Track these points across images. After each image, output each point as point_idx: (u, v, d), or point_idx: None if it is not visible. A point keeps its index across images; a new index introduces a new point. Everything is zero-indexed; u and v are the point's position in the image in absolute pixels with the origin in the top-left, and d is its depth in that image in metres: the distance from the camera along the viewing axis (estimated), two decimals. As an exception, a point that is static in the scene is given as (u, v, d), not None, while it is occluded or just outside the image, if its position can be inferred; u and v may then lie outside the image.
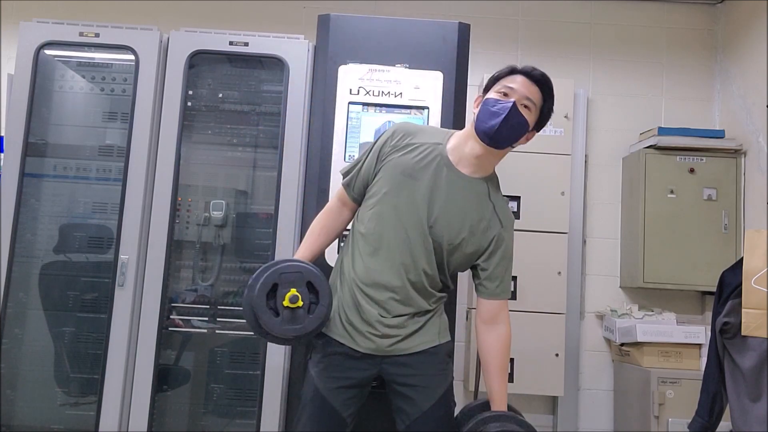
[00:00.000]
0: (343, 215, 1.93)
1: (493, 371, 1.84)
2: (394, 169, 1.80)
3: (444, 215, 1.78)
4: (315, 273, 1.77)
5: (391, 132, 1.86)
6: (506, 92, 1.77)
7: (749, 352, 2.04)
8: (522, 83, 1.77)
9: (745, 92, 3.28)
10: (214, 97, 2.83)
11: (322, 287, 1.76)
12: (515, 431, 1.75)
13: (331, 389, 1.79)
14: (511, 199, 3.13)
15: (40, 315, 2.73)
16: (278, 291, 1.72)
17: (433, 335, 1.83)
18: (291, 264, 1.78)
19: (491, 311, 1.85)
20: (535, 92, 1.79)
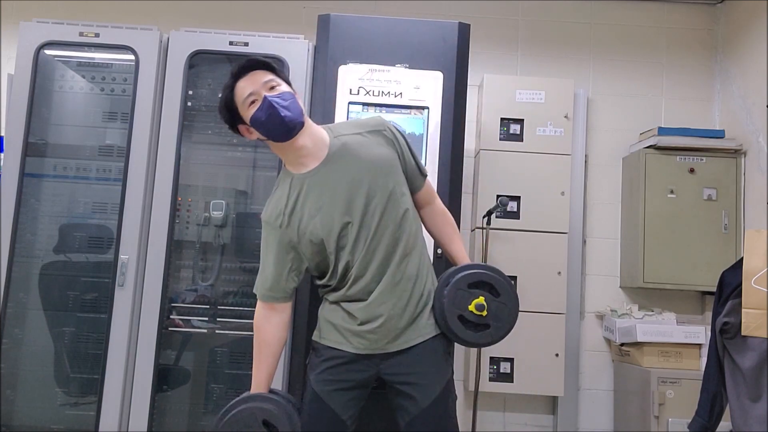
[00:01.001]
0: (274, 321, 1.85)
1: (446, 238, 1.96)
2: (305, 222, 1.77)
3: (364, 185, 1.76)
4: (267, 409, 1.77)
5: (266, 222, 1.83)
6: (252, 99, 1.76)
7: (749, 352, 2.04)
8: (248, 82, 1.76)
9: (745, 92, 3.28)
10: (214, 97, 2.83)
11: (278, 421, 1.76)
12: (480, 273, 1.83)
13: (330, 392, 1.79)
14: (511, 199, 3.13)
15: (40, 315, 2.73)
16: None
17: (430, 328, 1.83)
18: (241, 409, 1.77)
19: (423, 197, 1.93)
20: (261, 75, 1.77)
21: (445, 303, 1.80)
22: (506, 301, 1.82)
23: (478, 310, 1.79)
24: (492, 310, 1.80)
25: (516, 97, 3.23)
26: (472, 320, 1.80)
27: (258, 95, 1.75)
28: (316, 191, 1.78)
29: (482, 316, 1.80)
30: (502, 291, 1.82)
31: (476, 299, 1.80)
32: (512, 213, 3.17)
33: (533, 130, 3.21)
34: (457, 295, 1.80)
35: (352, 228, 1.76)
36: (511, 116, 3.22)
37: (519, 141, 3.21)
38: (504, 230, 3.16)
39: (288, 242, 1.81)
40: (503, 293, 1.82)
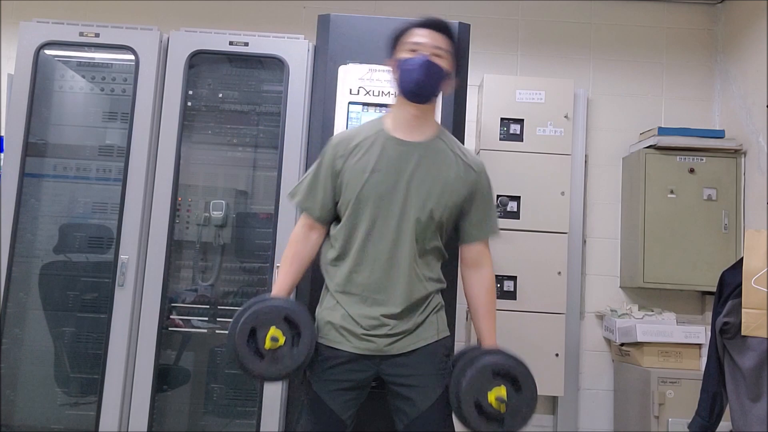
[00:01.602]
0: (311, 239, 1.90)
1: (481, 312, 1.88)
2: (356, 173, 1.81)
3: (416, 188, 1.79)
4: (290, 307, 1.76)
5: (332, 146, 1.87)
6: (414, 48, 1.80)
7: (749, 352, 2.04)
8: (427, 35, 1.81)
9: (745, 92, 3.28)
10: (214, 97, 2.83)
11: (300, 319, 1.75)
12: (507, 364, 1.76)
13: (329, 392, 1.79)
14: (511, 199, 3.13)
15: (40, 315, 2.73)
16: (257, 334, 1.73)
17: (432, 332, 1.83)
18: (264, 305, 1.77)
19: (474, 255, 1.89)
20: (441, 40, 1.82)
21: (464, 385, 1.73)
22: (527, 399, 1.73)
23: (498, 402, 1.70)
24: (511, 405, 1.71)
25: (516, 97, 3.23)
26: (488, 410, 1.71)
27: (422, 49, 1.79)
28: (387, 157, 1.80)
29: (499, 408, 1.71)
30: (525, 387, 1.73)
31: (498, 389, 1.71)
32: (512, 213, 3.17)
33: (533, 130, 3.21)
34: (478, 381, 1.73)
35: (385, 211, 1.77)
36: (511, 116, 3.23)
37: (519, 141, 3.21)
38: (504, 230, 3.13)
39: (336, 172, 1.83)
40: (526, 389, 1.73)
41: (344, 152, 1.84)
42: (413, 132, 1.84)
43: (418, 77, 1.76)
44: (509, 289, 3.12)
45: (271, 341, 1.70)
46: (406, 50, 1.81)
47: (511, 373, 1.74)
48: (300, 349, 1.74)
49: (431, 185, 1.80)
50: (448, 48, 1.83)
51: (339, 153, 1.85)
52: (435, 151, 1.84)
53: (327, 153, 1.88)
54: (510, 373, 1.74)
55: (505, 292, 3.11)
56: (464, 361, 1.79)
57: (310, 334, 1.76)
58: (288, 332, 1.73)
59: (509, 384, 1.73)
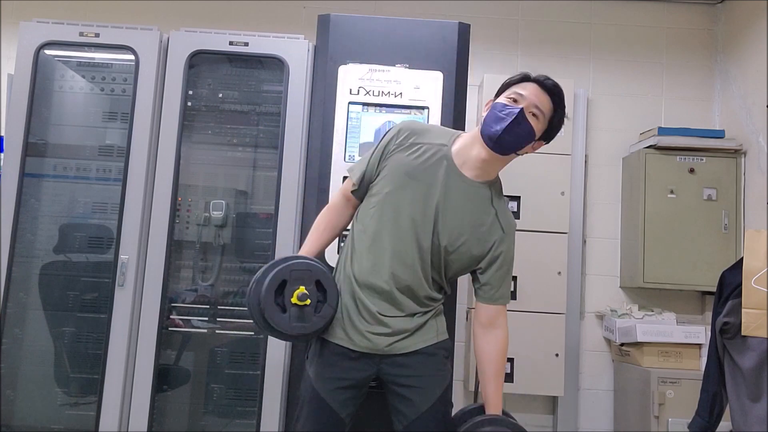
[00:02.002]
0: (348, 211, 1.92)
1: (489, 375, 1.84)
2: (398, 169, 1.80)
3: (445, 218, 1.78)
4: (324, 272, 1.77)
5: (397, 130, 1.86)
6: (516, 98, 1.78)
7: (749, 352, 2.04)
8: (533, 91, 1.78)
9: (745, 92, 3.28)
10: (214, 97, 2.83)
11: (330, 286, 1.76)
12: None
13: (329, 390, 1.78)
14: (511, 199, 3.13)
15: (40, 315, 2.73)
16: (286, 288, 1.72)
17: (432, 335, 1.83)
18: (301, 261, 1.77)
19: (489, 316, 1.85)
20: (545, 101, 1.80)
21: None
22: None
23: None
24: None
25: (516, 97, 3.23)
26: None
27: (521, 103, 1.77)
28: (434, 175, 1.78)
29: None
30: None
31: None
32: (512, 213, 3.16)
33: (533, 130, 3.20)
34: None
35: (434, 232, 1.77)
36: (511, 116, 3.22)
37: (519, 141, 3.20)
38: (504, 230, 3.16)
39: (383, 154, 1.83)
40: None
41: (402, 141, 1.83)
42: (472, 170, 1.81)
43: (501, 127, 1.74)
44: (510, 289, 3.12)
45: (299, 298, 1.70)
46: (507, 97, 1.79)
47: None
48: (323, 313, 1.75)
49: (457, 224, 1.78)
50: (547, 111, 1.81)
51: (398, 140, 1.83)
52: (478, 195, 1.81)
53: (388, 134, 1.86)
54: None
55: (505, 292, 3.11)
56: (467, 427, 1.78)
57: (335, 305, 1.77)
58: (315, 296, 1.74)
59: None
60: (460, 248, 1.79)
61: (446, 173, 1.79)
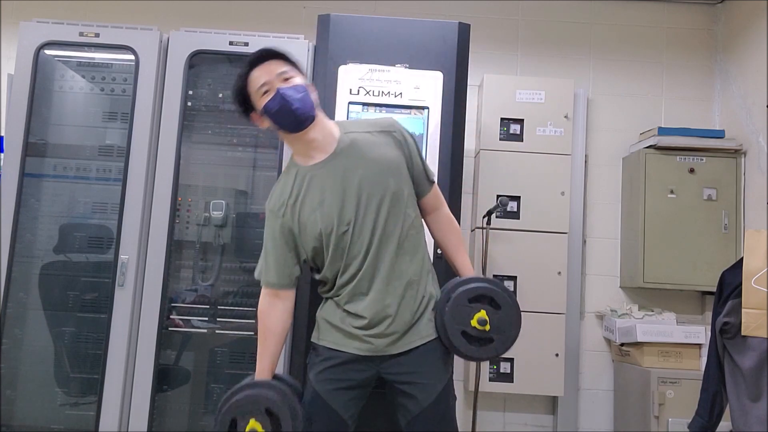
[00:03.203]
0: (278, 309, 1.83)
1: (450, 247, 1.93)
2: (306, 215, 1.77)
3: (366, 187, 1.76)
4: (271, 398, 1.73)
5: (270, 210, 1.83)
6: (266, 89, 1.76)
7: (749, 352, 2.04)
8: (264, 71, 1.77)
9: (745, 92, 3.28)
10: (214, 97, 2.83)
11: (281, 411, 1.72)
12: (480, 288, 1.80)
13: (331, 391, 1.79)
14: (511, 199, 3.13)
15: (40, 315, 2.73)
16: (238, 425, 1.71)
17: (431, 329, 1.83)
18: (245, 395, 1.75)
19: (430, 203, 1.92)
20: (276, 65, 1.78)
21: (447, 320, 1.78)
22: (508, 313, 1.79)
23: (481, 325, 1.76)
24: (494, 323, 1.78)
25: (516, 97, 3.23)
26: (476, 335, 1.77)
27: (271, 86, 1.75)
28: (320, 185, 1.78)
29: (485, 330, 1.77)
30: (503, 303, 1.79)
31: (478, 314, 1.77)
32: (512, 213, 3.17)
33: (533, 130, 3.21)
34: (458, 311, 1.78)
35: (352, 224, 1.75)
36: (511, 116, 3.22)
37: (519, 141, 3.21)
38: (504, 230, 3.16)
39: (289, 231, 1.80)
40: (504, 306, 1.79)
41: (282, 205, 1.81)
42: (321, 150, 1.80)
43: (290, 111, 1.72)
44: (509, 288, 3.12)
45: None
46: (260, 95, 1.77)
47: (485, 294, 1.79)
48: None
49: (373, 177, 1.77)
50: (288, 67, 1.79)
51: (279, 210, 1.81)
52: (351, 147, 1.80)
53: (269, 218, 1.83)
54: (485, 296, 1.79)
55: (505, 292, 3.11)
56: (442, 297, 1.82)
57: (291, 426, 1.72)
58: (269, 425, 1.71)
59: (488, 305, 1.78)
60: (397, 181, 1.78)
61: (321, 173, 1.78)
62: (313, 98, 1.78)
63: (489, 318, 1.77)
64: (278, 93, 1.74)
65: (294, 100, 1.73)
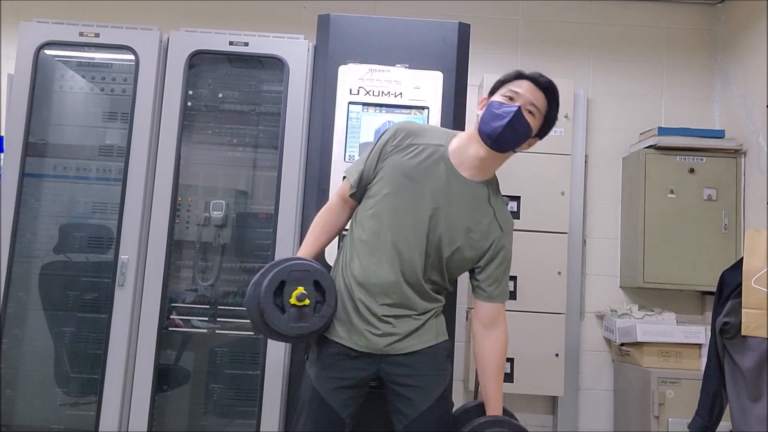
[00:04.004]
0: (345, 213, 1.92)
1: (490, 375, 1.84)
2: (395, 170, 1.80)
3: (443, 218, 1.78)
4: (323, 272, 1.77)
5: (393, 131, 1.85)
6: (512, 96, 1.77)
7: (749, 352, 2.04)
8: (528, 89, 1.78)
9: (745, 92, 3.28)
10: (214, 97, 2.83)
11: (329, 287, 1.76)
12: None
13: (330, 390, 1.79)
14: (511, 199, 3.13)
15: (40, 315, 2.73)
16: (285, 288, 1.72)
17: (431, 335, 1.83)
18: (299, 262, 1.78)
19: (489, 315, 1.85)
20: (540, 99, 1.79)
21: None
22: None
23: None
24: None
25: (516, 97, 3.23)
26: None
27: (518, 101, 1.76)
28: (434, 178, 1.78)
29: None
30: None
31: None
32: (512, 213, 3.16)
33: (533, 130, 3.20)
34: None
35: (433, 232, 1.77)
36: (511, 116, 3.22)
37: (519, 141, 3.21)
38: (504, 230, 3.16)
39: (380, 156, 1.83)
40: None
41: (399, 142, 1.82)
42: (469, 169, 1.81)
43: (500, 125, 1.73)
44: (509, 289, 3.12)
45: (298, 298, 1.71)
46: (503, 95, 1.78)
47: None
48: (319, 316, 1.74)
49: (455, 224, 1.78)
50: (543, 108, 1.80)
51: (395, 141, 1.83)
52: (475, 195, 1.81)
53: (384, 136, 1.86)
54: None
55: (505, 292, 3.11)
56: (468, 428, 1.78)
57: (334, 305, 1.77)
58: (314, 296, 1.74)
59: None
60: (460, 247, 1.79)
61: (445, 173, 1.79)
62: (521, 144, 1.80)
63: None
64: (518, 111, 1.74)
65: (512, 129, 1.74)
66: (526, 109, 1.76)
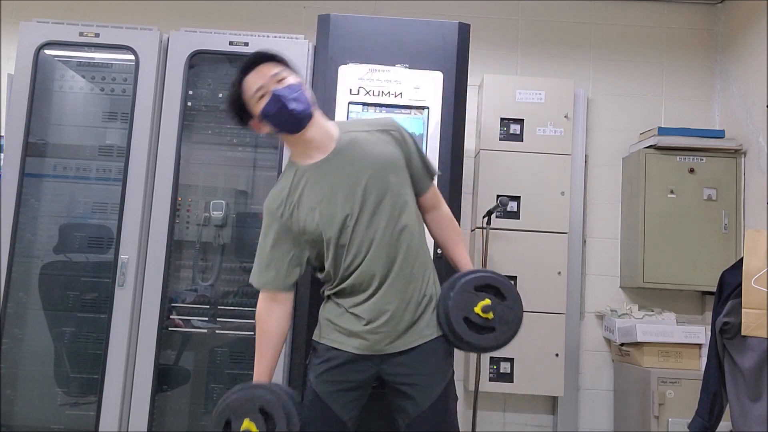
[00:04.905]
0: (276, 313, 1.83)
1: (450, 244, 1.94)
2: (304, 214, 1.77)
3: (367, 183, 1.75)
4: (265, 397, 1.73)
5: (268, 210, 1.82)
6: (261, 94, 1.76)
7: (749, 352, 2.04)
8: (257, 76, 1.77)
9: (745, 92, 3.28)
10: (214, 97, 2.83)
11: (274, 410, 1.71)
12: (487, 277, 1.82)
13: (331, 393, 1.78)
14: (511, 199, 3.13)
15: (40, 315, 2.73)
16: (233, 426, 1.70)
17: (432, 329, 1.82)
18: (239, 395, 1.75)
19: (429, 201, 1.92)
20: (270, 67, 1.78)
21: (451, 305, 1.77)
22: (512, 305, 1.80)
23: (485, 312, 1.76)
24: (498, 312, 1.77)
25: (516, 97, 3.23)
26: (478, 322, 1.77)
27: (266, 89, 1.75)
28: (319, 184, 1.78)
29: (488, 318, 1.77)
30: (508, 295, 1.80)
31: (483, 301, 1.77)
32: (512, 213, 3.17)
33: (533, 130, 3.21)
34: (463, 297, 1.78)
35: (353, 220, 1.75)
36: (511, 116, 3.22)
37: (519, 141, 3.21)
38: (504, 230, 3.16)
39: (287, 232, 1.80)
40: (509, 297, 1.80)
41: (280, 204, 1.80)
42: (321, 149, 1.80)
43: (286, 113, 1.72)
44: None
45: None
46: (256, 100, 1.77)
47: (492, 284, 1.80)
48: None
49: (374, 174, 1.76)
50: (281, 68, 1.79)
51: (277, 209, 1.80)
52: (351, 145, 1.80)
53: (268, 219, 1.83)
54: (491, 285, 1.80)
55: (505, 292, 3.11)
56: (447, 286, 1.82)
57: (285, 426, 1.70)
58: (263, 425, 1.70)
59: (492, 295, 1.79)
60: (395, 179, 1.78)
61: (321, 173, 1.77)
62: (308, 96, 1.78)
63: (494, 307, 1.77)
64: (274, 95, 1.73)
65: (290, 100, 1.73)
66: (276, 83, 1.75)
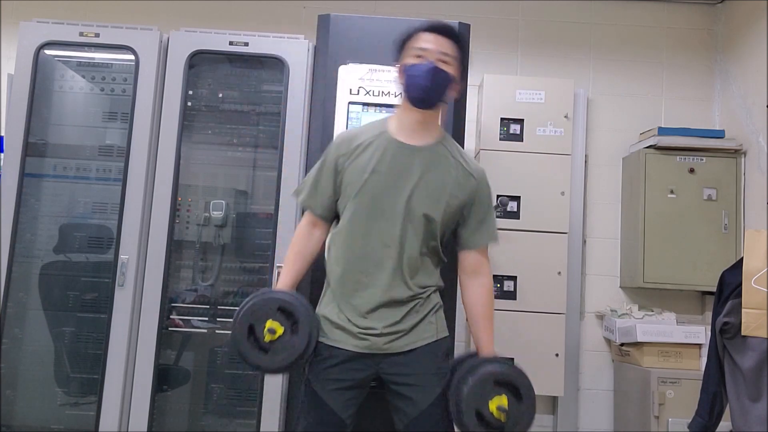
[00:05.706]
0: (315, 236, 1.91)
1: (480, 321, 1.87)
2: (356, 173, 1.82)
3: (417, 190, 1.79)
4: (282, 298, 1.77)
5: (335, 145, 1.89)
6: (420, 54, 1.80)
7: (749, 352, 2.04)
8: (433, 41, 1.81)
9: (745, 92, 3.28)
10: (214, 97, 2.83)
11: (293, 307, 1.75)
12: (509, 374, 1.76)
13: (330, 391, 1.79)
14: (511, 199, 3.13)
15: (40, 315, 2.73)
16: (256, 329, 1.74)
17: (431, 332, 1.83)
18: (257, 300, 1.78)
19: (473, 263, 1.89)
20: (447, 45, 1.82)
21: (466, 392, 1.72)
22: (527, 409, 1.73)
23: (499, 411, 1.70)
24: (512, 414, 1.71)
25: (516, 97, 3.23)
26: (489, 420, 1.71)
27: (428, 55, 1.79)
28: (391, 162, 1.81)
29: (500, 419, 1.70)
30: (525, 397, 1.74)
31: (499, 398, 1.71)
32: (512, 213, 3.17)
33: (533, 130, 3.21)
34: (480, 389, 1.72)
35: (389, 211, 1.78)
36: (511, 116, 3.22)
37: (519, 141, 3.21)
38: (504, 230, 3.15)
39: (336, 171, 1.85)
40: (526, 399, 1.74)
41: (346, 151, 1.85)
42: (416, 136, 1.84)
43: (423, 84, 1.77)
44: (509, 289, 3.12)
45: (268, 333, 1.72)
46: (412, 55, 1.81)
47: (512, 382, 1.74)
48: (299, 337, 1.74)
49: (431, 189, 1.80)
50: (454, 53, 1.82)
51: (341, 152, 1.86)
52: (436, 156, 1.84)
53: (330, 151, 1.89)
54: (512, 383, 1.74)
55: (505, 292, 3.11)
56: (464, 369, 1.77)
57: (308, 322, 1.76)
58: (286, 322, 1.74)
59: (510, 393, 1.73)
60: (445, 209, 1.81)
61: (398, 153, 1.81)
62: (448, 94, 1.83)
63: (509, 406, 1.71)
64: (431, 66, 1.77)
65: (434, 81, 1.77)
66: (440, 60, 1.79)
